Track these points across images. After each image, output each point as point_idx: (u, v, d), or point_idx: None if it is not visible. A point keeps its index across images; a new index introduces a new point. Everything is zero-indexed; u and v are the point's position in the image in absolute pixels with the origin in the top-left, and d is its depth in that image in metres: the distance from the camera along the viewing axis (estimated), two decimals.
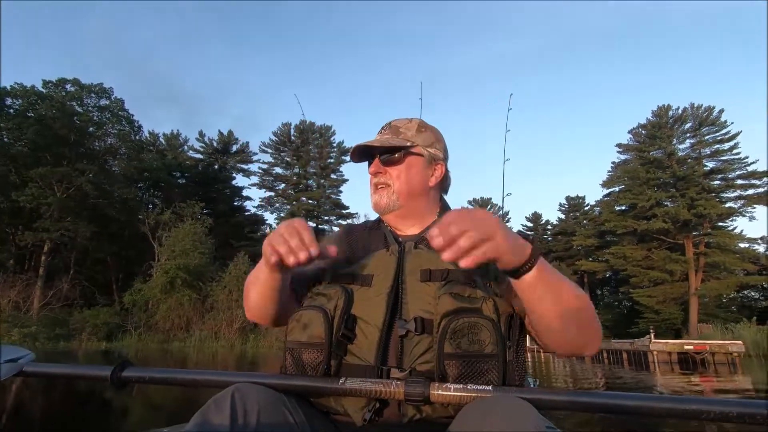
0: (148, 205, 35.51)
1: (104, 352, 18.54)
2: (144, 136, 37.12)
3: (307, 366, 0.83)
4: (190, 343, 22.99)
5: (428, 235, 0.66)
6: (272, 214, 43.72)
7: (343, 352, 0.83)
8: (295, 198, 41.94)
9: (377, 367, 0.80)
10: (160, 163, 36.02)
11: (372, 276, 0.89)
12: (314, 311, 0.86)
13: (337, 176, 42.91)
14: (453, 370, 0.75)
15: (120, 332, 23.72)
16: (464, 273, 0.85)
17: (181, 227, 27.14)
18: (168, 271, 24.88)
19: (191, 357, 16.58)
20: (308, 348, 0.83)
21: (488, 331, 0.76)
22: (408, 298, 0.85)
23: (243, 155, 43.95)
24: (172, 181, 37.80)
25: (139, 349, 19.93)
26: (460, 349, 0.76)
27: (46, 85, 28.44)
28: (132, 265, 31.12)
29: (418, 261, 0.89)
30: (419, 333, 0.80)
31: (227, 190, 42.62)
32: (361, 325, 0.85)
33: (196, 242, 26.40)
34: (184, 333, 24.03)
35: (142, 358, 15.49)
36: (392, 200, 1.01)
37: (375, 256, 0.94)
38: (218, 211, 36.70)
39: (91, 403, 3.75)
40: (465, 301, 0.80)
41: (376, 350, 0.81)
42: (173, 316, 24.41)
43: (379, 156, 1.02)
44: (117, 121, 31.31)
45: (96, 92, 29.90)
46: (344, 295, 0.86)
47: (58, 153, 27.59)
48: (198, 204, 29.62)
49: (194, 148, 43.44)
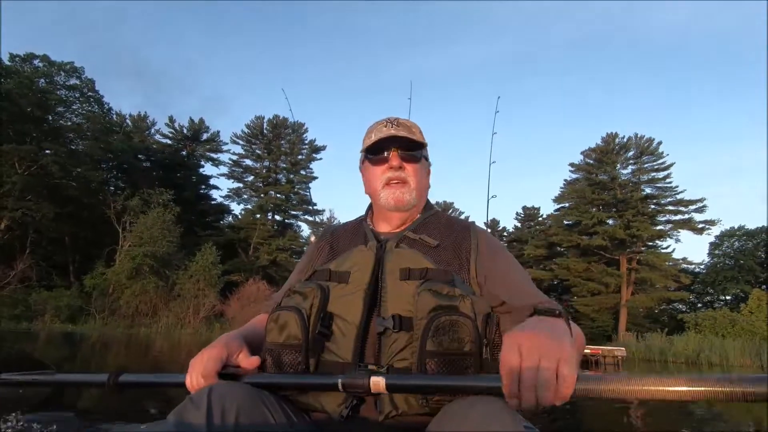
0: (110, 187, 34.99)
1: (67, 334, 18.67)
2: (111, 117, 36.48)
3: (286, 366, 0.83)
4: (155, 330, 23.44)
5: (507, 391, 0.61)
6: (239, 205, 44.09)
7: (321, 350, 0.83)
8: (264, 191, 42.47)
9: (355, 364, 0.80)
10: (126, 145, 35.57)
11: (349, 273, 0.89)
12: (289, 312, 0.85)
13: (307, 173, 43.84)
14: (433, 367, 0.75)
15: (83, 315, 23.77)
16: (443, 272, 0.86)
17: (149, 214, 27.26)
18: (135, 258, 25.11)
19: (157, 343, 16.93)
20: (286, 349, 0.84)
21: (468, 329, 0.76)
22: (387, 296, 0.84)
23: (213, 144, 43.91)
24: (137, 165, 37.34)
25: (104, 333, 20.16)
26: (442, 347, 0.76)
27: (13, 59, 27.67)
28: (90, 247, 30.73)
29: (399, 260, 0.88)
30: (397, 330, 0.80)
31: (193, 177, 42.50)
32: (338, 322, 0.84)
33: (165, 230, 26.68)
34: (150, 319, 24.41)
35: (106, 342, 15.85)
36: (412, 198, 1.00)
37: (353, 253, 0.94)
38: (183, 198, 36.66)
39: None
40: (444, 298, 0.79)
41: (353, 347, 0.81)
42: (137, 302, 24.71)
43: (398, 151, 1.00)
44: (86, 101, 30.81)
45: (66, 71, 29.33)
46: (320, 293, 0.86)
47: (21, 130, 26.96)
48: (167, 192, 29.76)
49: (162, 132, 42.95)
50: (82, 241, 31.27)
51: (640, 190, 36.47)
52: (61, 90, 29.56)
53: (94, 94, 31.20)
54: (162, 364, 9.52)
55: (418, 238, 0.94)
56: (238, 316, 23.44)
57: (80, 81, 30.23)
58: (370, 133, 1.06)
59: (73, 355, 10.17)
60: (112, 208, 29.05)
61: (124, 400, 3.77)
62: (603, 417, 4.25)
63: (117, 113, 39.85)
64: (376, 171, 1.03)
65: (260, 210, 41.59)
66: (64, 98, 29.52)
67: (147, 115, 42.96)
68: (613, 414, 4.95)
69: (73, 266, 30.14)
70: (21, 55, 27.96)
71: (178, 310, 24.91)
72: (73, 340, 16.30)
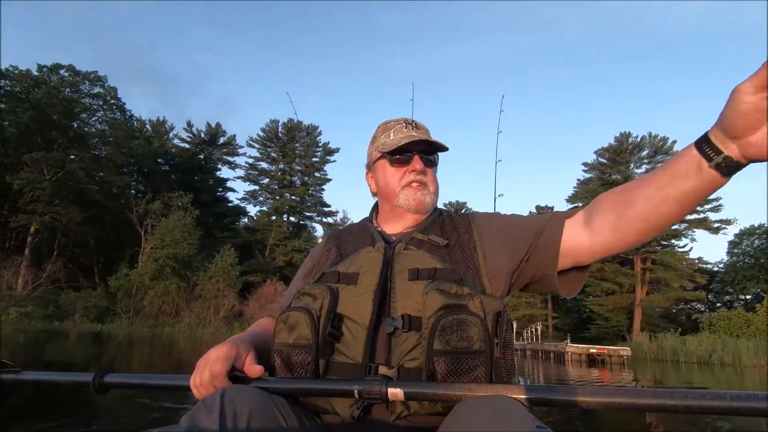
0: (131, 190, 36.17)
1: (96, 333, 19.44)
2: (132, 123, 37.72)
3: (296, 367, 0.83)
4: (179, 329, 24.32)
5: None
6: (255, 207, 45.05)
7: (331, 352, 0.83)
8: (279, 193, 43.33)
9: (365, 365, 0.80)
10: (146, 150, 36.83)
11: (358, 274, 0.89)
12: (300, 312, 0.86)
13: (321, 175, 44.58)
14: (441, 366, 0.75)
15: (110, 315, 24.81)
16: (451, 271, 0.86)
17: (170, 217, 28.18)
18: (157, 260, 26.07)
19: (180, 343, 17.29)
20: (296, 349, 0.84)
21: (476, 327, 0.76)
22: (396, 296, 0.85)
23: (229, 147, 44.96)
24: (157, 169, 38.52)
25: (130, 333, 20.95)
26: (449, 345, 0.75)
27: (41, 69, 28.93)
28: (113, 250, 31.89)
29: (407, 261, 0.89)
30: (407, 330, 0.80)
31: (211, 180, 43.62)
32: (348, 323, 0.85)
33: (185, 233, 27.59)
34: (173, 319, 25.32)
35: (132, 341, 16.34)
36: (433, 201, 1.02)
37: (361, 254, 0.94)
38: (200, 201, 37.66)
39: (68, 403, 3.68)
40: (452, 297, 0.79)
41: (363, 348, 0.81)
42: (160, 302, 25.65)
43: (420, 155, 1.01)
44: (109, 108, 32.00)
45: (90, 80, 30.52)
46: (330, 295, 0.86)
47: (50, 137, 28.21)
48: (187, 195, 30.70)
49: (180, 137, 44.15)
50: (106, 243, 32.48)
51: None
52: (85, 98, 30.77)
53: (117, 102, 32.40)
54: (185, 362, 9.53)
55: (427, 238, 0.95)
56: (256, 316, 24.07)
57: (104, 89, 31.45)
58: (387, 132, 1.06)
59: (100, 354, 10.52)
60: (135, 211, 30.04)
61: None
62: (616, 417, 4.21)
63: (137, 119, 41.25)
64: (396, 172, 1.03)
65: (276, 212, 42.44)
66: (88, 106, 30.72)
67: (165, 120, 44.24)
68: (625, 414, 4.75)
69: (97, 268, 31.33)
70: (48, 66, 29.23)
71: (199, 310, 25.83)
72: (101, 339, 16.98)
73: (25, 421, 2.63)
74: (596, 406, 0.65)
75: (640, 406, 0.64)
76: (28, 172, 26.26)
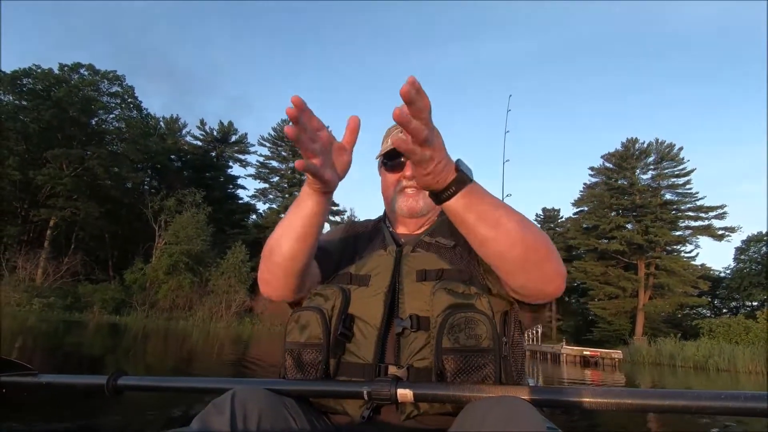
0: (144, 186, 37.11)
1: (114, 325, 20.09)
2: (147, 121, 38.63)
3: (307, 366, 0.84)
4: (192, 322, 25.15)
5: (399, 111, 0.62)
6: (264, 205, 45.90)
7: (342, 351, 0.84)
8: (289, 192, 44.13)
9: (375, 365, 0.81)
10: (160, 146, 37.73)
11: (369, 276, 0.91)
12: (312, 312, 0.87)
13: None
14: (450, 364, 0.75)
15: (126, 307, 25.74)
16: (458, 271, 0.87)
17: (184, 214, 29.03)
18: (172, 255, 26.95)
19: (193, 336, 17.75)
20: (307, 348, 0.85)
21: (484, 326, 0.77)
22: (405, 297, 0.86)
23: (241, 146, 45.80)
24: (170, 166, 39.42)
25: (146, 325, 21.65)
26: (458, 343, 0.76)
27: (62, 68, 29.90)
28: (127, 244, 32.84)
29: (415, 262, 0.91)
30: (415, 330, 0.81)
31: (222, 177, 44.48)
32: (359, 324, 0.86)
33: (199, 229, 28.43)
34: (186, 313, 26.21)
35: (148, 334, 16.89)
36: (425, 205, 1.03)
37: (373, 256, 0.96)
38: (212, 198, 38.48)
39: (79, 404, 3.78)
40: (460, 296, 0.80)
41: (374, 348, 0.82)
42: (174, 296, 26.56)
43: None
44: (126, 107, 32.92)
45: (109, 79, 31.45)
46: (342, 295, 0.88)
47: (69, 134, 29.18)
48: (200, 192, 31.56)
49: (192, 134, 45.07)
50: (120, 238, 33.45)
51: (660, 195, 36.52)
52: (104, 96, 31.72)
53: (134, 100, 33.30)
54: (197, 355, 9.77)
55: (434, 241, 0.97)
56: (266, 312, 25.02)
57: (122, 88, 32.36)
58: (386, 138, 1.08)
59: (116, 345, 10.71)
60: (150, 207, 30.93)
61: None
62: (618, 417, 4.23)
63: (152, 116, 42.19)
64: (391, 178, 1.06)
65: (285, 210, 42.93)
66: (106, 104, 31.67)
67: (179, 117, 45.17)
68: (629, 414, 4.47)
69: (112, 261, 32.29)
70: (69, 65, 30.19)
71: (212, 305, 26.68)
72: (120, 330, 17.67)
73: (38, 421, 2.70)
74: (606, 408, 0.67)
75: (649, 408, 0.65)
76: (50, 168, 27.21)
